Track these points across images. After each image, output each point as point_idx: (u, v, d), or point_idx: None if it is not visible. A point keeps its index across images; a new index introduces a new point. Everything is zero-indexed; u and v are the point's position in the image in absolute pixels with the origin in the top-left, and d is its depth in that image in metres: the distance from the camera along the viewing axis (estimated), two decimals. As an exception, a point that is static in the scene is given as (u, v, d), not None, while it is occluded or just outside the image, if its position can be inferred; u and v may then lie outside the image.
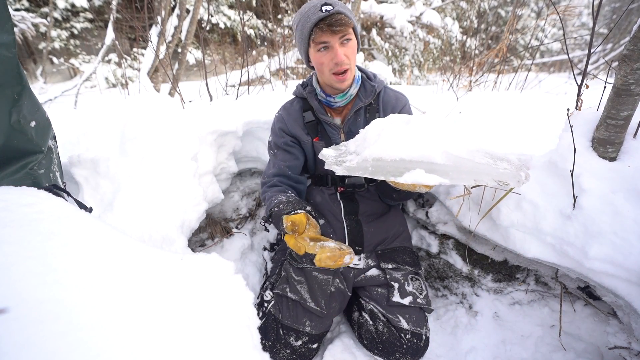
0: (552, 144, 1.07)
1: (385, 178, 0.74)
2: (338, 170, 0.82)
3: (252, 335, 0.66)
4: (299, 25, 1.07)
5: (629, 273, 0.87)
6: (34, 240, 0.49)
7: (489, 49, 3.55)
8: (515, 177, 0.75)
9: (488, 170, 0.77)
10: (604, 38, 0.96)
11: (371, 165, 0.79)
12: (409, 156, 0.79)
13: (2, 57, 0.70)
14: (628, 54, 0.78)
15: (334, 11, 1.01)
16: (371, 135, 0.90)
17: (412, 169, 0.74)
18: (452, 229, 1.45)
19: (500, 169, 0.79)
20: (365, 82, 1.22)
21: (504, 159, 0.88)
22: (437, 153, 0.79)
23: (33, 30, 5.82)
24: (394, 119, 0.90)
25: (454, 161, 0.79)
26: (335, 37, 1.03)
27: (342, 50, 1.05)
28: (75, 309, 0.44)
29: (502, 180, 0.74)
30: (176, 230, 1.18)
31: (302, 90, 1.26)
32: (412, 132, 0.84)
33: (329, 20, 1.00)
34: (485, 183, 0.74)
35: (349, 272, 1.24)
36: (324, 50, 1.06)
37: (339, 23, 1.01)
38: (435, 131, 0.84)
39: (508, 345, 1.25)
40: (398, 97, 1.26)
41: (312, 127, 1.25)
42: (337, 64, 1.06)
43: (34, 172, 0.81)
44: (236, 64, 4.40)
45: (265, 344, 1.10)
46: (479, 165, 0.79)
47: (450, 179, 0.72)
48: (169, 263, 0.63)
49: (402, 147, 0.80)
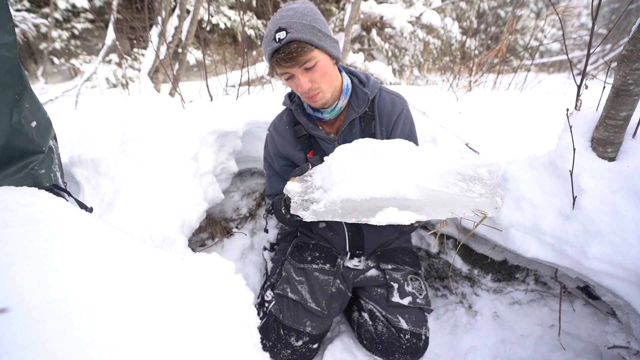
0: (552, 144, 1.07)
1: (358, 220, 0.71)
2: (305, 216, 0.78)
3: (252, 335, 0.66)
4: (263, 51, 1.00)
5: (628, 273, 0.87)
6: (35, 240, 0.50)
7: (489, 50, 3.56)
8: (492, 204, 0.72)
9: (464, 201, 0.73)
10: (603, 38, 0.96)
11: (340, 207, 0.75)
12: (380, 194, 0.75)
13: (3, 58, 0.70)
14: (627, 54, 0.78)
15: (287, 39, 0.90)
16: (337, 169, 0.84)
17: (385, 207, 0.71)
18: (452, 229, 1.45)
19: (476, 197, 0.75)
20: (357, 89, 1.12)
21: (476, 178, 0.84)
22: (409, 188, 0.75)
23: (34, 30, 5.83)
24: (360, 147, 0.85)
25: (427, 195, 0.75)
26: (294, 68, 0.95)
27: (305, 78, 0.97)
28: (76, 309, 0.44)
29: (479, 209, 0.71)
30: (176, 230, 1.18)
31: (289, 102, 1.19)
32: (380, 164, 0.79)
33: (282, 53, 0.92)
34: (463, 214, 0.71)
35: (349, 272, 1.24)
36: (289, 79, 1.00)
37: (291, 57, 0.91)
38: (404, 161, 0.79)
39: (507, 344, 1.25)
40: (394, 101, 1.16)
41: (305, 141, 1.18)
42: (302, 93, 1.01)
43: (35, 172, 0.82)
44: (236, 64, 4.40)
45: (266, 344, 1.10)
46: (454, 196, 0.75)
47: (426, 215, 0.69)
48: (169, 263, 0.63)
49: (371, 185, 0.76)
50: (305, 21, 0.93)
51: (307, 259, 1.22)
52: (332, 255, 1.24)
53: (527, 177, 1.08)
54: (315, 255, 1.23)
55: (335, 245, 1.27)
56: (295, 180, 0.97)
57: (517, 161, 1.15)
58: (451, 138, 1.49)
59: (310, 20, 0.94)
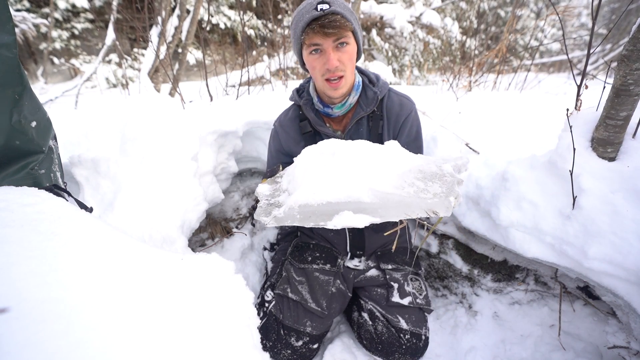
0: (552, 144, 1.07)
1: (315, 224, 0.72)
2: (267, 222, 0.80)
3: (252, 335, 0.66)
4: (293, 23, 0.99)
5: (628, 273, 0.87)
6: (35, 240, 0.50)
7: (489, 49, 3.56)
8: (445, 205, 0.73)
9: (417, 202, 0.74)
10: (603, 38, 0.96)
11: (298, 212, 0.77)
12: (335, 198, 0.76)
13: (3, 58, 0.70)
14: (627, 54, 0.78)
15: (330, 11, 0.90)
16: (299, 172, 0.86)
17: (341, 211, 0.72)
18: (452, 229, 1.45)
19: (429, 198, 0.76)
20: (366, 88, 1.13)
21: (437, 176, 0.84)
22: (363, 191, 0.76)
23: (34, 30, 5.83)
24: (323, 149, 0.87)
25: (380, 198, 0.76)
26: (328, 40, 0.94)
27: (335, 55, 0.96)
28: (76, 309, 0.44)
29: (432, 209, 0.72)
30: (176, 230, 1.18)
31: (297, 97, 1.18)
32: (337, 168, 0.80)
33: (322, 20, 0.90)
34: (417, 215, 0.72)
35: (349, 272, 1.24)
36: (315, 54, 0.97)
37: (332, 25, 0.90)
38: (360, 164, 0.81)
39: (507, 344, 1.25)
40: (403, 103, 1.16)
41: (310, 138, 1.17)
42: (328, 70, 0.98)
43: (35, 172, 0.81)
44: (236, 64, 4.40)
45: (266, 344, 1.10)
46: (407, 198, 0.76)
47: (380, 217, 0.71)
48: (169, 263, 0.63)
49: (328, 189, 0.77)
50: (345, 4, 0.97)
51: (308, 259, 1.22)
52: (332, 255, 1.24)
53: (527, 177, 1.08)
54: (315, 255, 1.23)
55: (335, 245, 1.27)
56: (267, 183, 0.97)
57: (517, 161, 1.15)
58: (451, 138, 1.49)
59: (349, 6, 0.96)
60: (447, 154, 1.44)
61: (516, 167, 1.12)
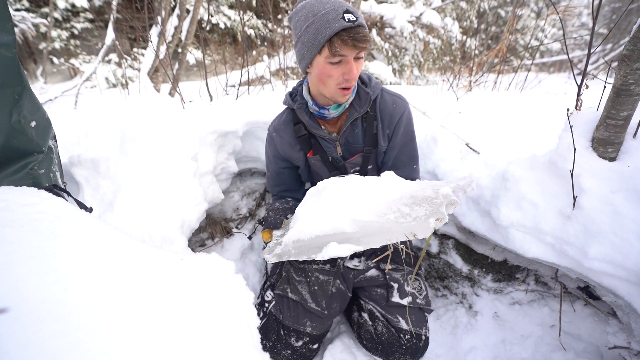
0: (552, 144, 1.07)
1: (308, 257, 0.77)
2: (269, 259, 0.88)
3: (252, 335, 0.66)
4: (312, 27, 0.93)
5: (629, 273, 0.87)
6: (35, 240, 0.49)
7: (489, 49, 3.56)
8: (423, 227, 0.76)
9: (396, 228, 0.78)
10: (604, 38, 0.96)
11: (293, 247, 0.82)
12: (322, 231, 0.81)
13: (3, 57, 0.70)
14: (628, 54, 0.78)
15: (358, 23, 0.90)
16: (298, 211, 0.93)
17: (328, 243, 0.76)
18: (452, 229, 1.45)
19: (408, 222, 0.78)
20: (359, 89, 1.13)
21: (428, 199, 0.85)
22: (345, 222, 0.80)
23: (33, 30, 5.82)
24: (317, 187, 0.93)
25: (361, 227, 0.80)
26: (354, 52, 0.94)
27: (355, 66, 0.97)
28: (75, 309, 0.44)
29: (412, 232, 0.75)
30: (176, 230, 1.18)
31: (291, 101, 1.18)
32: (323, 203, 0.86)
33: (354, 33, 0.90)
34: (399, 239, 0.75)
35: (349, 272, 1.24)
36: (336, 64, 0.96)
37: (363, 39, 0.91)
38: (344, 197, 0.85)
39: (508, 345, 1.25)
40: (396, 102, 1.16)
41: (305, 141, 1.18)
42: (347, 80, 0.98)
43: (35, 172, 0.81)
44: (236, 64, 4.40)
45: (266, 344, 1.10)
46: (385, 224, 0.80)
47: (363, 245, 0.74)
48: (169, 263, 0.63)
49: (315, 223, 0.83)
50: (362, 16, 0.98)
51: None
52: (332, 255, 1.24)
53: (527, 177, 1.08)
54: (315, 255, 1.23)
55: (335, 245, 1.28)
56: (275, 231, 1.10)
57: (517, 161, 1.15)
58: (451, 138, 1.49)
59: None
60: (447, 153, 1.44)
61: (516, 167, 1.12)
